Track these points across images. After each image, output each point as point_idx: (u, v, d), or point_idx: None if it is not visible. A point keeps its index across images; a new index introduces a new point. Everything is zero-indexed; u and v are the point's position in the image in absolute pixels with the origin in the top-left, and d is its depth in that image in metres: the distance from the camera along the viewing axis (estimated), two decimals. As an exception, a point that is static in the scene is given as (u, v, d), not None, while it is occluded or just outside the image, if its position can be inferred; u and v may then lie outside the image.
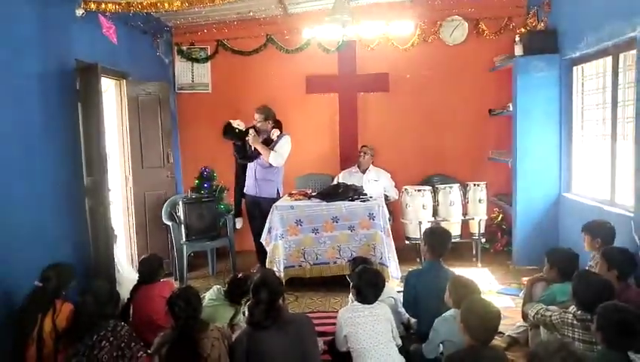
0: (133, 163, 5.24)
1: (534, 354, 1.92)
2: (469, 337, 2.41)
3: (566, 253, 3.34)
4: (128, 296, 3.64)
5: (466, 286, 2.89)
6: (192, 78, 6.44)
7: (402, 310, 3.59)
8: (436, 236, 3.61)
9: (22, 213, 3.50)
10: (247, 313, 2.66)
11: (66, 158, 4.09)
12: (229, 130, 5.27)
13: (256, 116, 5.20)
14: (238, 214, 5.62)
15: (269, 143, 5.19)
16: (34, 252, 3.46)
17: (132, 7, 4.37)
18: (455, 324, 2.62)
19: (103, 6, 4.29)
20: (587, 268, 3.50)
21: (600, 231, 3.53)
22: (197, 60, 6.39)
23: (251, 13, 5.83)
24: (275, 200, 5.10)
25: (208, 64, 6.41)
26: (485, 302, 2.56)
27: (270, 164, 5.18)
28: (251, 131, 5.14)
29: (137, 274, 3.75)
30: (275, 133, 5.24)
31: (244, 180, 5.41)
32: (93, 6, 4.27)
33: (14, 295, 3.27)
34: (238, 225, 5.64)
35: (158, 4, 4.38)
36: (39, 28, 3.82)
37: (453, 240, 5.38)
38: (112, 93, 5.16)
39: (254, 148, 5.16)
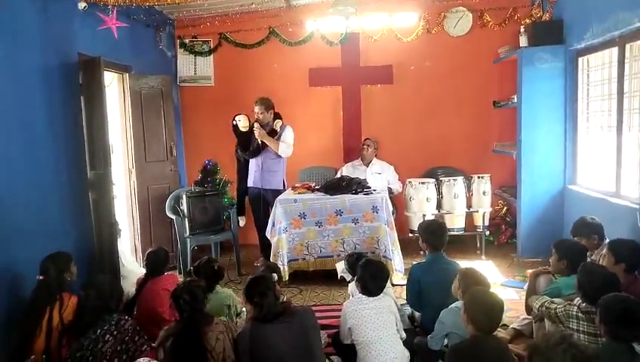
0: (136, 156, 5.24)
1: (535, 347, 1.90)
2: (473, 327, 2.42)
3: (576, 244, 3.31)
4: (134, 289, 3.66)
5: (475, 278, 2.88)
6: (195, 71, 6.42)
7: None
8: (430, 231, 3.60)
9: (25, 208, 3.51)
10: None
11: (69, 152, 4.09)
12: (235, 130, 5.29)
13: (257, 109, 5.18)
14: (241, 212, 5.62)
15: (272, 134, 5.19)
16: (38, 246, 3.45)
17: (134, 1, 4.35)
18: (460, 316, 2.62)
19: (105, -1, 4.27)
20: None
21: (591, 229, 3.47)
22: (200, 53, 6.37)
23: (254, 6, 5.79)
24: (280, 191, 5.11)
25: (211, 57, 6.39)
26: (489, 292, 2.56)
27: (277, 155, 5.18)
28: (256, 125, 5.13)
29: (143, 268, 3.75)
30: (277, 123, 5.23)
31: (247, 178, 5.41)
32: (95, -1, 4.26)
33: (19, 288, 3.30)
34: (242, 223, 5.65)
35: (160, -3, 4.37)
36: (41, 21, 3.81)
37: (457, 233, 5.48)
38: (114, 87, 5.16)
39: (260, 141, 5.15)
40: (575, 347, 1.82)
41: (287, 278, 4.68)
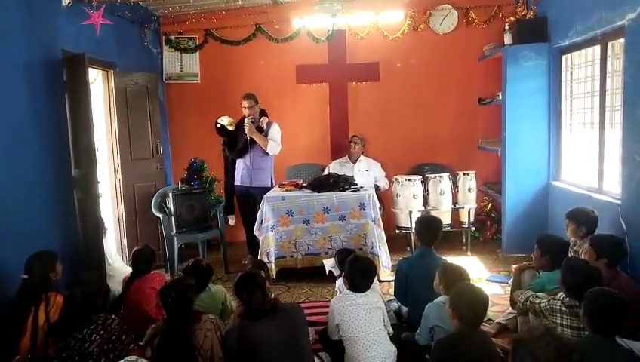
0: (122, 154, 5.20)
1: (519, 340, 1.93)
2: (458, 321, 2.45)
3: (557, 240, 3.35)
4: (121, 288, 3.63)
5: (456, 273, 2.92)
6: (181, 68, 6.38)
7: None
8: (425, 225, 3.64)
9: (9, 207, 3.46)
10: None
11: (54, 151, 4.04)
12: (219, 131, 5.25)
13: (245, 103, 5.16)
14: (230, 211, 5.59)
15: (259, 131, 5.17)
16: (23, 245, 3.41)
17: (119, -3, 4.32)
18: (445, 310, 2.65)
19: (90, -5, 4.23)
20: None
21: (585, 219, 3.53)
22: (185, 50, 6.32)
23: (240, 2, 5.76)
24: (269, 189, 5.11)
25: (197, 54, 6.35)
26: (474, 287, 2.60)
27: (265, 153, 5.17)
28: (247, 120, 5.10)
29: (129, 266, 3.72)
30: (263, 120, 5.22)
31: (234, 176, 5.40)
32: (79, -5, 4.21)
33: (3, 288, 3.25)
34: (232, 222, 5.61)
35: (145, -7, 4.33)
36: (25, 17, 3.75)
37: (443, 229, 5.47)
38: (99, 84, 5.10)
39: (248, 139, 5.12)
40: (558, 340, 1.85)
41: (274, 276, 4.68)
